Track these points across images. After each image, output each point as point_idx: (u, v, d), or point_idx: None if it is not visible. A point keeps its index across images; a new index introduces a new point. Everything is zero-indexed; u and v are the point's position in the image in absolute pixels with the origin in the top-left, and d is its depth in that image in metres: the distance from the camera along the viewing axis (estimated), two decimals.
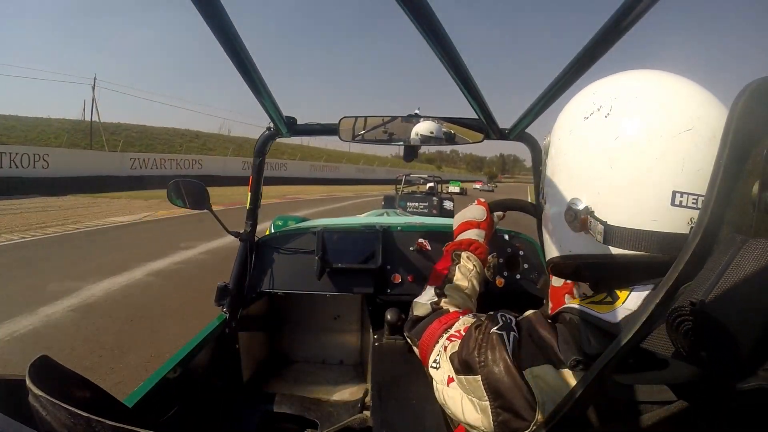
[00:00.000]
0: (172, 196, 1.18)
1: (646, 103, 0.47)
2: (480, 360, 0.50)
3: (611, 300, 0.46)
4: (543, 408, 0.44)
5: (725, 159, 0.36)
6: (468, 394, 0.51)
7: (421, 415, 0.97)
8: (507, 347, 0.48)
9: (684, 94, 0.47)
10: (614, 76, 0.53)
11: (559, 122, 0.58)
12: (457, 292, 0.71)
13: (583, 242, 0.51)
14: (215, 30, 0.57)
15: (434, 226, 1.49)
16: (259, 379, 1.50)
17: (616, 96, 0.49)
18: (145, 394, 0.83)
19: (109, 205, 10.74)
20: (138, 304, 3.66)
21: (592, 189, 0.49)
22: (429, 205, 7.93)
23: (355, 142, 1.16)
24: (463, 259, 0.76)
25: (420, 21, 0.52)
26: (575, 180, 0.52)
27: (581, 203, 0.50)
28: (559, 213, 0.54)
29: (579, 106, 0.54)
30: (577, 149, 0.52)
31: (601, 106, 0.50)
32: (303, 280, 1.32)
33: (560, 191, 0.54)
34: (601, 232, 0.47)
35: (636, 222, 0.46)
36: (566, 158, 0.53)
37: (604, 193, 0.48)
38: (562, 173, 0.54)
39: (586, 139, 0.51)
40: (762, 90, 0.36)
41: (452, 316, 0.62)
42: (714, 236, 0.36)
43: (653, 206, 0.45)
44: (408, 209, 7.61)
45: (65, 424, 0.35)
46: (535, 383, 0.45)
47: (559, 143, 0.55)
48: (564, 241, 0.55)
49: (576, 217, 0.50)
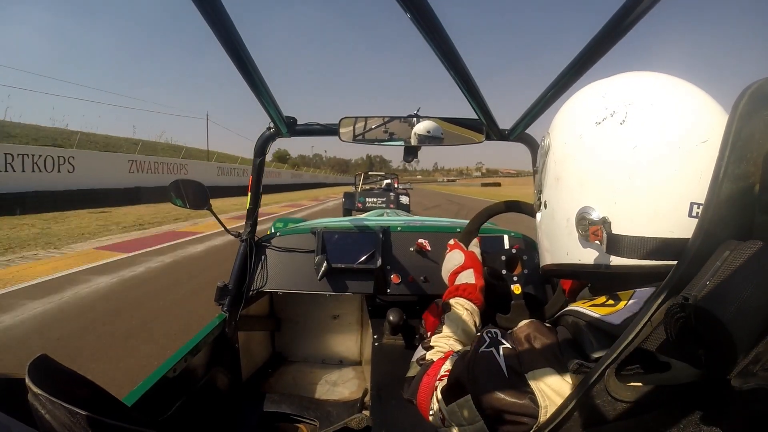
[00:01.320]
0: (173, 196, 1.18)
1: (662, 112, 0.47)
2: (470, 380, 0.49)
3: (613, 302, 0.46)
4: (545, 411, 0.44)
5: (726, 161, 0.36)
6: (459, 425, 0.51)
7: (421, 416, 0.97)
8: (499, 359, 0.48)
9: (697, 103, 0.48)
10: (622, 78, 0.53)
11: (562, 123, 0.56)
12: (444, 340, 0.70)
13: (587, 251, 0.50)
14: (216, 30, 0.57)
15: (434, 226, 1.49)
16: (258, 378, 1.50)
17: (630, 102, 0.48)
18: (145, 393, 0.83)
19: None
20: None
21: (608, 198, 0.48)
22: (386, 200, 9.20)
23: (356, 142, 1.16)
24: (452, 306, 0.76)
25: (420, 21, 0.52)
26: (588, 188, 0.50)
27: (594, 212, 0.49)
28: (566, 220, 0.52)
29: (587, 109, 0.52)
30: (590, 156, 0.50)
31: (614, 112, 0.49)
32: (303, 280, 1.32)
33: (567, 198, 0.53)
34: (615, 241, 0.46)
35: (652, 232, 0.46)
36: (576, 164, 0.52)
37: (620, 203, 0.47)
38: (571, 179, 0.52)
39: (600, 146, 0.49)
40: (762, 92, 0.36)
41: (438, 364, 0.62)
42: (715, 238, 0.36)
43: (671, 217, 0.45)
44: (367, 205, 8.72)
45: (64, 423, 0.35)
46: (537, 387, 0.45)
47: (566, 147, 0.53)
48: (568, 248, 0.53)
49: (589, 226, 0.49)
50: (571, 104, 0.57)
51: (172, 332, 2.95)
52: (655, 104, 0.48)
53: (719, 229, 0.36)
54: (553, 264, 0.57)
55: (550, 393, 0.44)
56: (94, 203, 11.22)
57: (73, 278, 4.36)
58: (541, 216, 0.60)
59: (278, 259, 1.35)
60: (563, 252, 0.54)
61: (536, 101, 0.83)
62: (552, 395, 0.44)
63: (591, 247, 0.50)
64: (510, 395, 0.45)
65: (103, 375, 2.29)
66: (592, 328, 0.45)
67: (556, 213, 0.55)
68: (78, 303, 3.61)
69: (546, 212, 0.58)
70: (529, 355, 0.47)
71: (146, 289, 4.06)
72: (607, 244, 0.47)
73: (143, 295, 3.86)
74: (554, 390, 0.44)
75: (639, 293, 0.45)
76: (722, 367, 0.31)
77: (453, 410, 0.51)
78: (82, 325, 3.09)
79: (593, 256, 0.50)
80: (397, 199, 9.23)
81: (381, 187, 10.71)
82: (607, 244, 0.47)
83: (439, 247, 1.33)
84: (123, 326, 3.08)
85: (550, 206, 0.57)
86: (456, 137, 1.13)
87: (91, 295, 3.83)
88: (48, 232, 7.32)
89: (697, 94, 0.49)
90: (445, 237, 1.35)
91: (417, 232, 1.38)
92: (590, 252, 0.50)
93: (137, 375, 2.16)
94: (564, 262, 0.54)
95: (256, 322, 1.53)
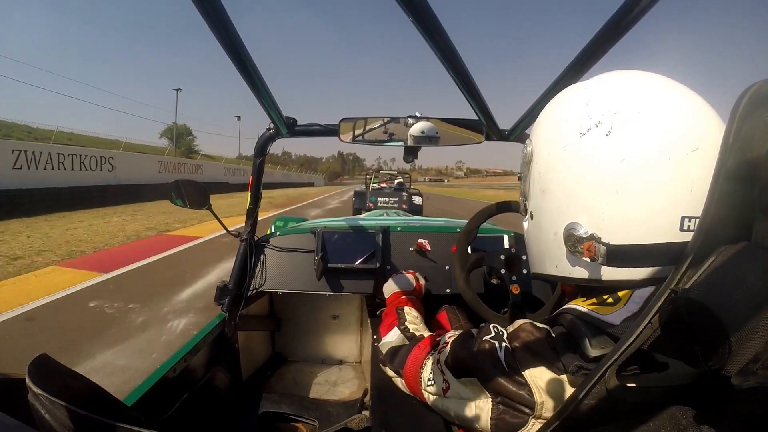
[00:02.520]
0: (173, 196, 1.18)
1: (650, 121, 0.45)
2: (476, 365, 0.51)
3: (612, 301, 0.46)
4: (542, 407, 0.45)
5: (725, 162, 0.36)
6: (466, 398, 0.52)
7: (421, 415, 0.97)
8: (500, 353, 0.49)
9: (686, 108, 0.45)
10: (605, 81, 0.50)
11: (544, 131, 0.54)
12: (416, 326, 0.80)
13: (577, 266, 0.49)
14: (216, 30, 0.57)
15: (434, 226, 1.49)
16: (258, 378, 1.50)
17: (615, 111, 0.46)
18: (145, 393, 0.83)
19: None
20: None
21: (596, 214, 0.46)
22: (399, 200, 8.57)
23: (355, 143, 1.16)
24: (405, 312, 0.86)
25: (421, 22, 0.52)
26: (575, 202, 0.48)
27: (582, 228, 0.47)
28: (553, 234, 0.51)
29: (571, 118, 0.50)
30: (575, 169, 0.48)
31: (599, 122, 0.46)
32: (303, 280, 1.32)
33: (554, 211, 0.51)
34: (604, 255, 0.45)
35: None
36: (561, 176, 0.50)
37: (608, 218, 0.45)
38: (557, 192, 0.50)
39: (586, 158, 0.47)
40: (761, 93, 0.36)
41: (430, 338, 0.66)
42: (715, 238, 0.36)
43: (661, 232, 0.44)
44: (378, 204, 8.24)
45: (64, 423, 0.35)
46: (533, 382, 0.46)
47: (550, 158, 0.51)
48: (557, 261, 0.52)
49: (578, 243, 0.47)
50: (554, 110, 0.54)
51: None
52: (642, 112, 0.45)
53: (719, 229, 0.36)
54: (544, 274, 0.56)
55: (546, 391, 0.45)
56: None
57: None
58: (528, 225, 0.58)
59: (278, 259, 1.35)
60: (553, 264, 0.53)
61: (536, 101, 0.83)
62: (547, 393, 0.45)
63: (581, 262, 0.48)
64: (510, 383, 0.47)
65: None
66: (590, 328, 0.45)
67: (543, 225, 0.53)
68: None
69: (533, 223, 0.56)
70: (525, 355, 0.48)
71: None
72: (598, 257, 0.45)
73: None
74: (550, 388, 0.45)
75: (638, 293, 0.45)
76: (718, 362, 0.31)
77: (461, 383, 0.54)
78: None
79: (584, 270, 0.49)
80: (410, 200, 8.73)
81: (393, 187, 10.32)
82: (597, 257, 0.45)
83: (438, 247, 1.33)
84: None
85: (537, 217, 0.55)
86: (456, 137, 1.13)
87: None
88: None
89: (687, 98, 0.46)
90: (444, 237, 1.34)
91: (416, 232, 1.38)
92: (580, 267, 0.49)
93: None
94: (555, 274, 0.53)
95: (256, 322, 1.53)
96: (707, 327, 0.31)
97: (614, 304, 0.46)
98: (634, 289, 0.46)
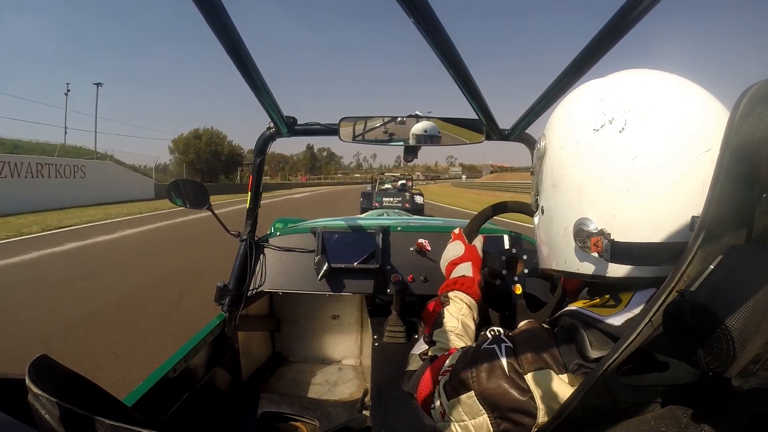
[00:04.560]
0: (173, 196, 1.18)
1: (664, 120, 0.45)
2: (473, 375, 0.49)
3: (614, 303, 0.46)
4: (544, 413, 0.44)
5: (726, 162, 0.36)
6: (461, 421, 0.50)
7: (421, 415, 0.97)
8: (501, 357, 0.48)
9: (700, 109, 0.46)
10: (620, 79, 0.51)
11: (558, 127, 0.54)
12: (446, 335, 0.70)
13: (586, 261, 0.49)
14: (216, 30, 0.57)
15: (434, 226, 1.49)
16: (258, 378, 1.50)
17: (629, 108, 0.46)
18: (145, 394, 0.83)
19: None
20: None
21: (607, 210, 0.46)
22: (402, 200, 10.47)
23: (356, 142, 1.16)
24: (451, 300, 0.76)
25: (421, 22, 0.52)
26: (586, 198, 0.48)
27: (592, 224, 0.47)
28: (563, 229, 0.51)
29: (584, 114, 0.50)
30: (588, 164, 0.48)
31: (613, 119, 0.47)
32: (303, 280, 1.32)
33: (565, 206, 0.51)
34: (608, 251, 0.45)
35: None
36: (573, 172, 0.50)
37: (619, 215, 0.46)
38: (568, 187, 0.51)
39: (599, 154, 0.47)
40: (762, 93, 0.36)
41: (441, 360, 0.62)
42: (715, 238, 0.36)
43: (671, 231, 0.44)
44: (384, 204, 9.85)
45: (64, 423, 0.34)
46: (536, 388, 0.45)
47: (563, 153, 0.51)
48: (566, 256, 0.52)
49: (587, 238, 0.47)
50: (568, 105, 0.55)
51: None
52: (656, 110, 0.45)
53: (719, 229, 0.36)
54: (552, 269, 0.56)
55: (549, 395, 0.44)
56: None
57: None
58: (538, 220, 0.59)
59: (278, 259, 1.35)
60: (561, 259, 0.53)
61: (537, 101, 0.83)
62: (550, 397, 0.44)
63: (590, 257, 0.49)
64: (511, 392, 0.46)
65: None
66: (592, 330, 0.45)
67: (554, 220, 0.54)
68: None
69: (544, 218, 0.57)
70: (528, 356, 0.47)
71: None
72: (611, 252, 0.45)
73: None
74: (553, 392, 0.44)
75: (640, 294, 0.45)
76: (720, 365, 0.31)
77: (454, 405, 0.51)
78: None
79: (592, 266, 0.49)
80: (412, 199, 10.59)
81: (397, 188, 12.61)
82: (611, 253, 0.45)
83: (438, 247, 1.33)
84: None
85: (547, 212, 0.55)
86: (456, 137, 1.13)
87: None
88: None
89: (701, 97, 0.47)
90: (444, 237, 1.34)
91: (416, 232, 1.37)
92: (588, 263, 0.49)
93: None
94: (562, 269, 0.53)
95: (256, 322, 1.53)
96: (712, 330, 0.31)
97: (616, 305, 0.46)
98: (639, 288, 0.46)
